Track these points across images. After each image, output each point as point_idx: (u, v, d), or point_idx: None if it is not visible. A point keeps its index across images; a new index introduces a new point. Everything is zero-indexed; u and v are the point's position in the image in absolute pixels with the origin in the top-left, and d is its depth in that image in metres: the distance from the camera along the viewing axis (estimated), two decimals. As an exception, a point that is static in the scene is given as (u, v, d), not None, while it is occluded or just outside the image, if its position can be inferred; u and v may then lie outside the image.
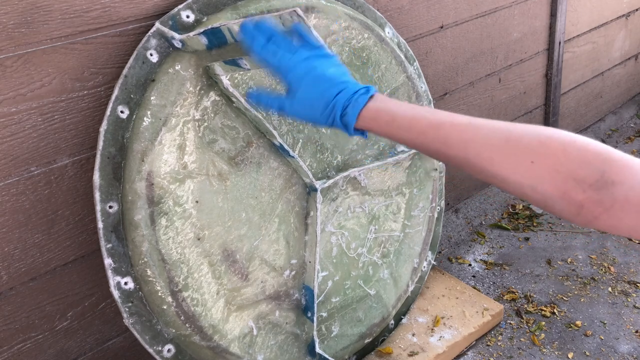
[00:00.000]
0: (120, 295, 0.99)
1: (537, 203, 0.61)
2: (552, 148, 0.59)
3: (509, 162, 0.62)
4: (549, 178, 0.58)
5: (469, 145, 0.65)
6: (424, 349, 1.42)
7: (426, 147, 0.70)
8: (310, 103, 0.77)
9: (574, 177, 0.56)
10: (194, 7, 1.05)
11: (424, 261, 1.52)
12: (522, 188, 0.61)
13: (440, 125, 0.68)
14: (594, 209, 0.56)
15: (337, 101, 0.76)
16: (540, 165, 0.59)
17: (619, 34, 2.50)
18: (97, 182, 0.97)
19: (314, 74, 0.77)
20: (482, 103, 1.96)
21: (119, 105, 0.98)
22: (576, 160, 0.57)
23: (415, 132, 0.70)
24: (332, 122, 0.77)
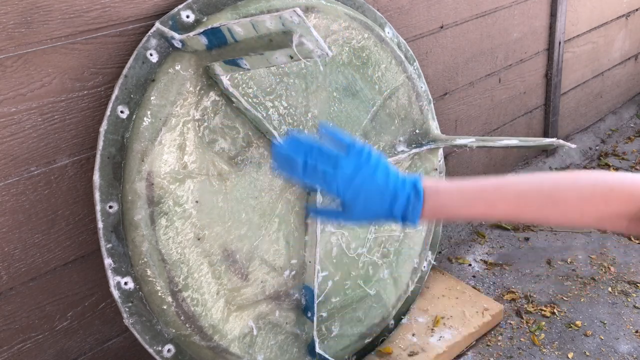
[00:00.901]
0: (120, 295, 0.99)
1: (586, 226, 0.75)
2: (595, 201, 0.68)
3: (560, 217, 0.71)
4: (595, 222, 0.69)
5: (520, 214, 0.74)
6: (424, 349, 1.42)
7: (480, 216, 0.76)
8: (367, 218, 0.78)
9: (618, 215, 0.67)
10: (194, 7, 1.05)
11: (424, 261, 1.52)
12: (574, 226, 0.78)
13: (492, 205, 0.74)
14: (637, 227, 0.67)
15: (395, 214, 0.77)
16: (588, 212, 0.69)
17: (619, 34, 2.50)
18: (97, 182, 0.97)
19: (364, 194, 0.76)
20: (482, 103, 1.95)
21: (119, 105, 0.98)
22: (621, 200, 0.67)
23: (472, 212, 0.76)
24: (392, 221, 0.78)
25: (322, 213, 0.90)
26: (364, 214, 0.77)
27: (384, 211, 0.76)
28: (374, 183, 0.76)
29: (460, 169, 1.98)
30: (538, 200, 0.72)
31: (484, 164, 2.08)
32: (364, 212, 0.77)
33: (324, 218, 0.86)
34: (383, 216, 0.77)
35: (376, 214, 0.77)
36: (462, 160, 1.97)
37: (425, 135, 1.43)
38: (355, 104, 1.28)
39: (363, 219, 0.78)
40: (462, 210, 0.76)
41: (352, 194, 0.76)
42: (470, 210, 0.76)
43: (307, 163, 0.77)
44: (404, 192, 0.75)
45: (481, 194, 0.75)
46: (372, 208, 0.76)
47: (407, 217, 0.76)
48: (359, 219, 0.78)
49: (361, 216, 0.77)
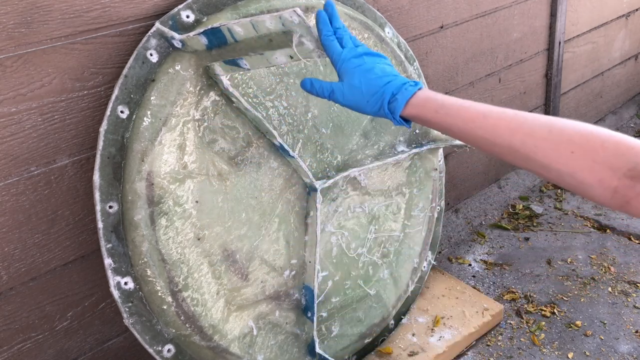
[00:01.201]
0: (120, 295, 0.99)
1: (574, 189, 0.69)
2: (592, 141, 0.67)
3: (552, 151, 0.69)
4: (587, 167, 0.66)
5: (514, 134, 0.72)
6: (424, 349, 1.42)
7: (472, 135, 0.76)
8: (359, 89, 0.83)
9: (610, 167, 0.64)
10: (194, 7, 1.05)
11: (424, 261, 1.52)
12: (562, 175, 0.68)
13: (488, 114, 0.75)
14: (626, 193, 0.64)
15: (386, 89, 0.82)
16: (580, 155, 0.67)
17: (619, 34, 2.50)
18: (97, 182, 0.97)
19: (365, 66, 0.84)
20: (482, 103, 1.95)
21: (119, 105, 0.98)
22: (613, 153, 0.65)
23: (462, 119, 0.76)
24: (379, 109, 0.82)
25: (316, 83, 0.89)
26: (356, 88, 0.83)
27: (376, 87, 0.82)
28: (376, 65, 0.84)
29: (460, 169, 1.98)
30: (537, 132, 0.70)
31: (484, 164, 2.08)
32: (357, 86, 0.83)
33: (316, 88, 0.86)
34: (372, 93, 0.82)
35: (367, 89, 0.82)
36: (462, 160, 1.97)
37: (425, 135, 1.43)
38: (355, 104, 1.28)
39: (354, 92, 0.83)
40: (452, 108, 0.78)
41: (353, 63, 0.84)
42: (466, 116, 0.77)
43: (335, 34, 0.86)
44: (403, 79, 0.81)
45: (477, 104, 0.78)
46: (365, 82, 0.82)
47: (397, 98, 0.81)
48: (350, 92, 0.84)
49: (353, 89, 0.83)
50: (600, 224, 1.99)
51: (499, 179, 2.20)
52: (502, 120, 0.74)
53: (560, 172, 0.68)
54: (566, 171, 0.68)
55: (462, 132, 0.77)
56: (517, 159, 0.73)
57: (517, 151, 0.72)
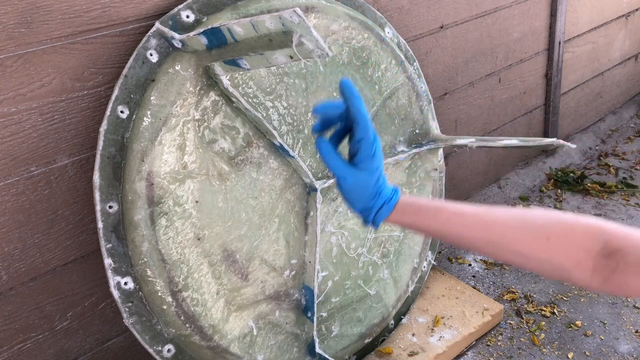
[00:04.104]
0: (120, 295, 0.99)
1: (555, 275, 0.73)
2: (563, 227, 0.71)
3: (529, 239, 0.73)
4: (563, 251, 0.70)
5: (491, 228, 0.76)
6: (424, 349, 1.42)
7: (451, 234, 0.79)
8: (365, 184, 0.86)
9: (584, 249, 0.69)
10: (194, 7, 1.05)
11: (424, 261, 1.52)
12: (541, 263, 0.72)
13: (463, 212, 0.78)
14: (602, 271, 0.68)
15: (378, 199, 0.85)
16: (555, 241, 0.71)
17: (619, 34, 2.50)
18: (97, 182, 0.97)
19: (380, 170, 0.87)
20: (482, 103, 1.96)
21: (119, 105, 0.98)
22: (583, 235, 0.70)
23: (440, 220, 0.80)
24: (367, 214, 0.86)
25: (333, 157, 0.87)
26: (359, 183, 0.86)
27: (358, 213, 0.86)
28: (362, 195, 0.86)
29: (460, 169, 1.98)
30: (512, 223, 0.75)
31: (484, 164, 2.08)
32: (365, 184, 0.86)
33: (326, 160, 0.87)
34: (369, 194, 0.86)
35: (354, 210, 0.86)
36: (462, 160, 1.97)
37: (425, 135, 1.43)
38: (355, 104, 1.28)
39: (357, 185, 0.86)
40: (429, 210, 0.81)
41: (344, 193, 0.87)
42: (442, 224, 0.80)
43: None
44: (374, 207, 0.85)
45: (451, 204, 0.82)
46: (352, 206, 0.87)
47: (383, 208, 0.85)
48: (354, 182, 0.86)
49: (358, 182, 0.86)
50: (600, 224, 1.99)
51: (499, 179, 2.20)
52: (477, 217, 0.77)
53: (539, 259, 0.72)
54: (545, 258, 0.72)
55: (441, 232, 0.80)
56: (498, 251, 0.76)
57: (497, 244, 0.75)
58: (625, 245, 0.67)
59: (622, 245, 0.67)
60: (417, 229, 0.84)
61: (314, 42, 0.83)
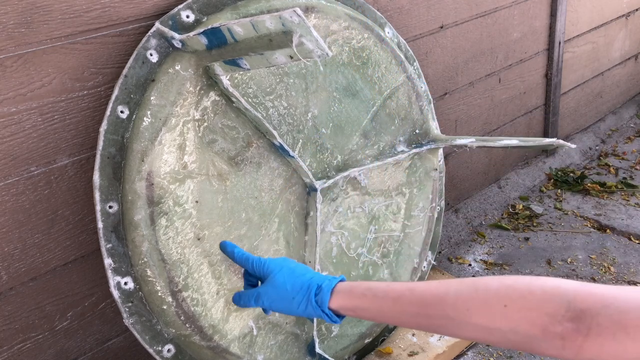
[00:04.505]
0: (120, 295, 0.99)
1: (523, 347, 0.64)
2: (518, 290, 0.63)
3: (484, 308, 0.65)
4: (524, 318, 0.62)
5: (444, 300, 0.69)
6: (423, 349, 1.42)
7: (404, 312, 0.73)
8: (284, 287, 0.85)
9: (546, 313, 0.60)
10: (194, 7, 1.05)
11: (424, 261, 1.52)
12: (505, 333, 0.64)
13: (413, 287, 0.73)
14: (574, 338, 0.58)
15: (312, 282, 0.83)
16: (512, 307, 0.63)
17: (619, 34, 2.50)
18: (97, 182, 0.97)
19: (290, 265, 0.88)
20: (482, 103, 1.96)
21: (119, 105, 0.98)
22: (542, 297, 0.61)
23: (391, 298, 0.74)
24: (307, 304, 0.83)
25: (243, 295, 0.92)
26: (281, 285, 0.86)
27: (301, 281, 0.84)
28: (295, 265, 0.88)
29: (460, 169, 1.98)
30: (464, 293, 0.68)
31: (484, 164, 2.08)
32: (282, 283, 0.86)
33: (243, 300, 0.92)
34: (299, 287, 0.84)
35: (293, 284, 0.85)
36: (462, 160, 1.97)
37: (425, 135, 1.43)
38: (355, 104, 1.28)
39: (279, 291, 0.87)
40: (379, 289, 0.77)
41: (275, 264, 0.89)
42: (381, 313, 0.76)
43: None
44: (311, 293, 0.83)
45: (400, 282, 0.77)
46: (290, 279, 0.85)
47: (323, 288, 0.82)
48: (274, 291, 0.87)
49: (278, 287, 0.86)
50: (600, 224, 1.99)
51: (499, 179, 2.20)
52: (428, 290, 0.71)
53: (501, 330, 0.64)
54: (506, 328, 0.63)
55: (394, 312, 0.74)
56: (457, 328, 0.69)
57: (453, 319, 0.68)
58: (592, 305, 0.58)
59: (588, 306, 0.58)
60: (367, 312, 0.78)
61: (314, 42, 0.83)
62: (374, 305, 0.76)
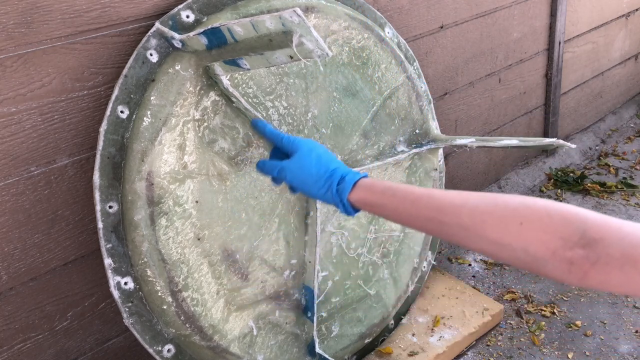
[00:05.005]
0: (120, 295, 0.99)
1: (530, 267, 0.65)
2: (537, 211, 0.65)
3: (500, 224, 0.66)
4: (538, 239, 0.63)
5: (461, 211, 0.70)
6: (424, 349, 1.42)
7: (420, 216, 0.75)
8: (309, 170, 0.87)
9: (560, 236, 0.62)
10: (193, 7, 1.05)
11: (424, 261, 1.52)
12: (515, 252, 0.65)
13: (433, 193, 0.74)
14: (582, 264, 0.60)
15: (336, 172, 0.86)
16: (528, 226, 0.64)
17: (619, 34, 2.50)
18: (97, 182, 0.97)
19: (319, 150, 0.91)
20: (482, 103, 1.96)
21: (119, 105, 0.98)
22: (559, 221, 0.62)
23: (409, 200, 0.76)
24: (327, 191, 0.85)
25: (267, 164, 0.98)
26: (305, 167, 0.90)
27: (325, 169, 0.88)
28: (324, 151, 0.92)
29: (460, 169, 1.98)
30: (483, 206, 0.69)
31: (484, 164, 2.08)
32: (306, 165, 0.90)
33: (266, 168, 0.97)
34: (322, 173, 0.88)
35: (316, 170, 0.88)
36: (462, 160, 1.97)
37: (425, 135, 1.43)
38: (355, 104, 1.28)
39: (303, 171, 0.90)
40: (398, 190, 0.78)
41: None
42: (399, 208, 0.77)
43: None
44: (334, 181, 0.86)
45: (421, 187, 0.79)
46: (314, 162, 0.89)
47: (346, 179, 0.85)
48: (299, 170, 0.91)
49: (302, 167, 0.90)
50: (600, 224, 1.99)
51: (499, 179, 2.20)
52: (447, 198, 0.73)
53: (512, 247, 0.65)
54: (518, 246, 0.65)
55: (410, 214, 0.76)
56: (470, 239, 0.70)
57: (467, 229, 0.69)
58: (606, 235, 0.59)
59: (603, 236, 0.60)
60: (385, 209, 0.80)
61: (314, 42, 0.83)
62: (391, 204, 0.78)
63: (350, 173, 0.86)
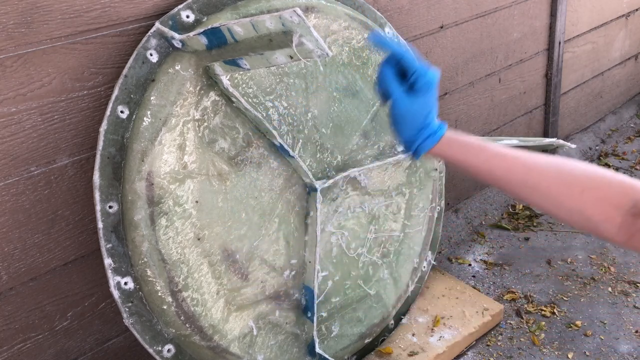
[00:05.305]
0: (120, 295, 0.99)
1: (582, 226, 0.76)
2: (599, 181, 0.75)
3: (564, 189, 0.76)
4: (595, 205, 0.73)
5: (530, 173, 0.80)
6: (423, 349, 1.42)
7: (490, 173, 0.83)
8: (416, 110, 0.90)
9: (615, 205, 0.72)
10: (193, 7, 1.05)
11: (424, 261, 1.52)
12: (572, 213, 0.76)
13: (505, 154, 0.83)
14: (629, 229, 0.71)
15: (429, 125, 0.91)
16: (588, 194, 0.74)
17: (619, 34, 2.50)
18: (97, 182, 0.97)
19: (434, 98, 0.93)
20: (482, 103, 1.96)
21: (119, 105, 0.98)
22: (618, 192, 0.73)
23: (483, 159, 0.84)
24: (414, 138, 0.90)
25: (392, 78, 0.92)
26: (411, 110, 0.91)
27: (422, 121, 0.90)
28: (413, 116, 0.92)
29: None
30: (549, 172, 0.78)
31: (484, 164, 2.08)
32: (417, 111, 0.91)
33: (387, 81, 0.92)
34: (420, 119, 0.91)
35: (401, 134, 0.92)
36: (462, 160, 1.97)
37: (425, 135, 1.43)
38: (355, 104, 1.28)
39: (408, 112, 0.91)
40: (474, 147, 0.85)
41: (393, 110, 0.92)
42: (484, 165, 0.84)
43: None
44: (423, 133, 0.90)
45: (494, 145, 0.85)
46: (398, 126, 0.92)
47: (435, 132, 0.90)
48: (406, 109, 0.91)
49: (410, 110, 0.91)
50: (600, 224, 1.99)
51: (499, 179, 2.19)
52: (518, 160, 0.81)
53: (570, 209, 0.75)
54: (576, 208, 0.75)
55: (481, 170, 0.84)
56: (532, 196, 0.80)
57: (533, 188, 0.79)
58: None
59: None
60: (458, 164, 0.88)
61: (314, 42, 0.83)
62: (466, 161, 0.86)
63: (433, 134, 0.90)
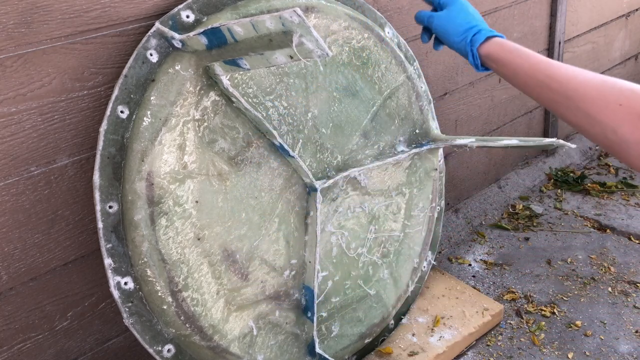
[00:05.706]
0: (120, 295, 0.99)
1: (612, 147, 0.72)
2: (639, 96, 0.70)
3: (601, 100, 0.72)
4: (631, 122, 0.68)
5: (570, 81, 0.78)
6: (424, 349, 1.42)
7: (534, 79, 0.84)
8: (455, 19, 1.01)
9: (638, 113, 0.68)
10: (194, 7, 1.05)
11: (424, 261, 1.52)
12: (605, 130, 0.71)
13: (551, 62, 0.84)
14: None
15: (475, 27, 1.00)
16: (626, 109, 0.69)
17: (619, 34, 2.50)
18: (97, 182, 0.97)
19: (465, 4, 1.06)
20: (482, 103, 1.96)
21: (119, 105, 0.98)
22: None
23: (530, 63, 0.86)
24: (463, 39, 0.99)
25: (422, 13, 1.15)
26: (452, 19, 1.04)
27: (468, 23, 1.02)
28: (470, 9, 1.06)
29: (460, 169, 1.98)
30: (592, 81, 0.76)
31: (484, 164, 2.08)
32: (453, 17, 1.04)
33: (420, 17, 1.15)
34: (466, 25, 1.02)
35: (461, 22, 1.02)
36: (462, 160, 1.97)
37: (425, 135, 1.43)
38: (355, 103, 1.28)
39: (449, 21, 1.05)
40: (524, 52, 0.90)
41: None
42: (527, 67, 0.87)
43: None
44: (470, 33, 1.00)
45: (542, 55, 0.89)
46: (461, 16, 1.03)
47: (482, 32, 0.98)
48: (446, 20, 1.06)
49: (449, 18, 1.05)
50: (600, 224, 1.99)
51: (499, 179, 2.20)
52: (562, 68, 0.81)
53: (603, 125, 0.71)
54: (610, 125, 0.70)
55: (527, 75, 0.86)
56: (568, 108, 0.77)
57: (570, 98, 0.76)
58: None
59: None
60: (508, 69, 0.91)
61: (314, 42, 0.83)
62: (515, 63, 0.90)
63: (486, 30, 0.97)
